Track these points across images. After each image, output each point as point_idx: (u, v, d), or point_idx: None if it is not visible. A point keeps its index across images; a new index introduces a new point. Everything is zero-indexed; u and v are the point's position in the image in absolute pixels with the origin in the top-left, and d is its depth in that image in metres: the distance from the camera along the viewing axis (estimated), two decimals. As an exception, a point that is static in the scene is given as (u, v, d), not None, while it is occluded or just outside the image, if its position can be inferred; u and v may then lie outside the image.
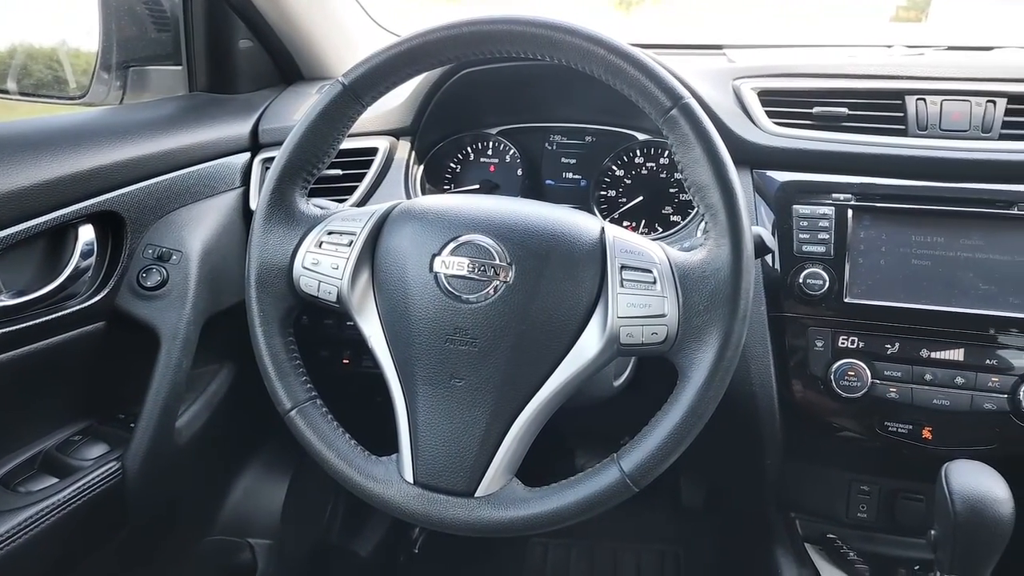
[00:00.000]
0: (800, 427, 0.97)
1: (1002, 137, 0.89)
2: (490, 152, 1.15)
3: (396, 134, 1.09)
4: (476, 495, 0.69)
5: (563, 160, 1.13)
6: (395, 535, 1.49)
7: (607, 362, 0.69)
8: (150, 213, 0.95)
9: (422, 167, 1.12)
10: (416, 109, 1.08)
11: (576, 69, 0.68)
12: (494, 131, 1.15)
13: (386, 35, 1.34)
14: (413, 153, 1.09)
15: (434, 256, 0.69)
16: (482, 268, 0.68)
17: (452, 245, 0.69)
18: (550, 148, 1.14)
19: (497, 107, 1.14)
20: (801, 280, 0.91)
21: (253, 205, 1.06)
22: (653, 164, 1.09)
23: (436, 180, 1.14)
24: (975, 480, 0.74)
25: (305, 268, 0.73)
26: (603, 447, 1.28)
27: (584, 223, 0.71)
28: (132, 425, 0.94)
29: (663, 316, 0.66)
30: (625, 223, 1.09)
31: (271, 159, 0.88)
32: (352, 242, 0.73)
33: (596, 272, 0.68)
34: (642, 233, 1.08)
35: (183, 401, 1.00)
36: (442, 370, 0.69)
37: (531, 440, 0.71)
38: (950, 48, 1.14)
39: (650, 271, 0.67)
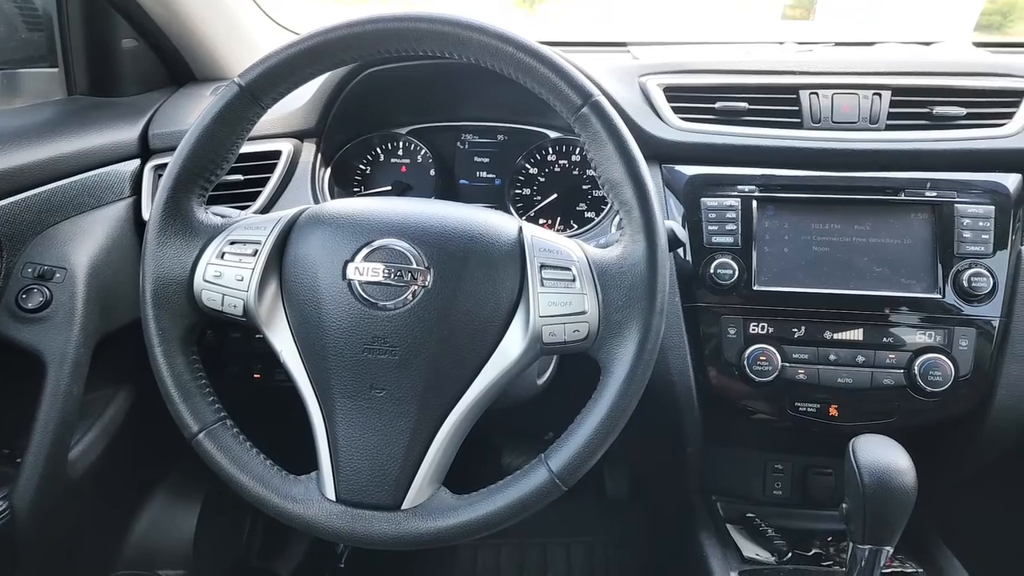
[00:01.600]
0: (717, 413, 1.00)
1: (888, 128, 0.95)
2: (401, 152, 1.12)
3: (300, 136, 1.05)
4: (403, 508, 0.67)
5: (476, 159, 1.12)
6: (319, 552, 1.44)
7: (531, 362, 0.68)
8: (27, 228, 0.87)
9: (329, 170, 1.08)
10: (320, 110, 1.03)
11: (485, 67, 0.67)
12: (404, 131, 1.12)
13: (285, 34, 1.28)
14: (319, 155, 1.05)
15: (347, 263, 0.67)
16: (399, 273, 0.65)
17: (366, 250, 0.67)
18: (462, 147, 1.12)
19: (406, 106, 1.11)
20: (712, 271, 0.93)
21: (146, 215, 0.99)
22: (566, 161, 1.09)
23: (345, 183, 1.11)
24: (879, 453, 0.78)
25: (207, 281, 0.69)
26: (530, 445, 1.28)
27: (502, 223, 0.70)
28: (19, 460, 0.86)
29: (584, 313, 0.66)
30: (541, 221, 1.09)
31: (164, 166, 0.83)
32: (257, 251, 0.69)
33: (516, 272, 0.68)
34: (558, 230, 1.09)
35: (75, 431, 0.92)
36: (361, 381, 0.66)
37: (457, 446, 0.69)
38: (837, 44, 1.20)
39: (569, 269, 0.67)
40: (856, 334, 0.92)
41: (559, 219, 1.09)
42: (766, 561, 0.98)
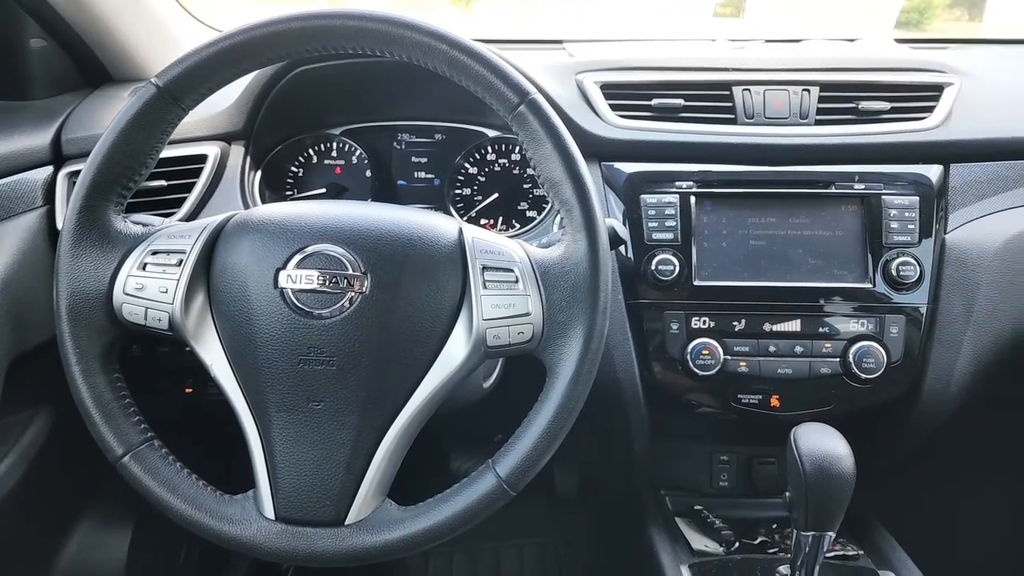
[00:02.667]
0: (663, 407, 1.00)
1: (818, 123, 0.97)
2: (335, 154, 1.09)
3: (227, 138, 1.00)
4: (346, 523, 0.65)
5: (414, 159, 1.10)
6: (261, 573, 1.39)
7: (476, 366, 0.67)
8: (-73, 242, 0.80)
9: (259, 173, 1.04)
10: (248, 110, 0.99)
11: (419, 66, 0.65)
12: (337, 131, 1.09)
13: (209, 32, 1.23)
14: (248, 158, 1.01)
15: (278, 270, 0.64)
16: (334, 280, 0.63)
17: (298, 257, 0.64)
18: (399, 147, 1.10)
19: (339, 106, 1.08)
20: (653, 267, 0.94)
21: (60, 226, 0.93)
22: (505, 160, 1.08)
23: (276, 186, 1.07)
24: (819, 441, 0.80)
25: (128, 294, 0.65)
26: (478, 448, 1.27)
27: (441, 225, 0.68)
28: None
29: (528, 315, 0.65)
30: (483, 221, 1.08)
31: (78, 172, 0.77)
32: (182, 261, 0.65)
33: (457, 275, 0.66)
34: (500, 230, 1.08)
35: (-10, 458, 0.86)
36: (297, 394, 0.63)
37: (402, 456, 0.67)
38: (768, 41, 1.23)
39: (512, 270, 0.66)
40: (794, 325, 0.94)
41: (501, 219, 1.08)
42: (715, 552, 1.00)
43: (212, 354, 0.66)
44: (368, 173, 1.07)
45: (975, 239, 0.94)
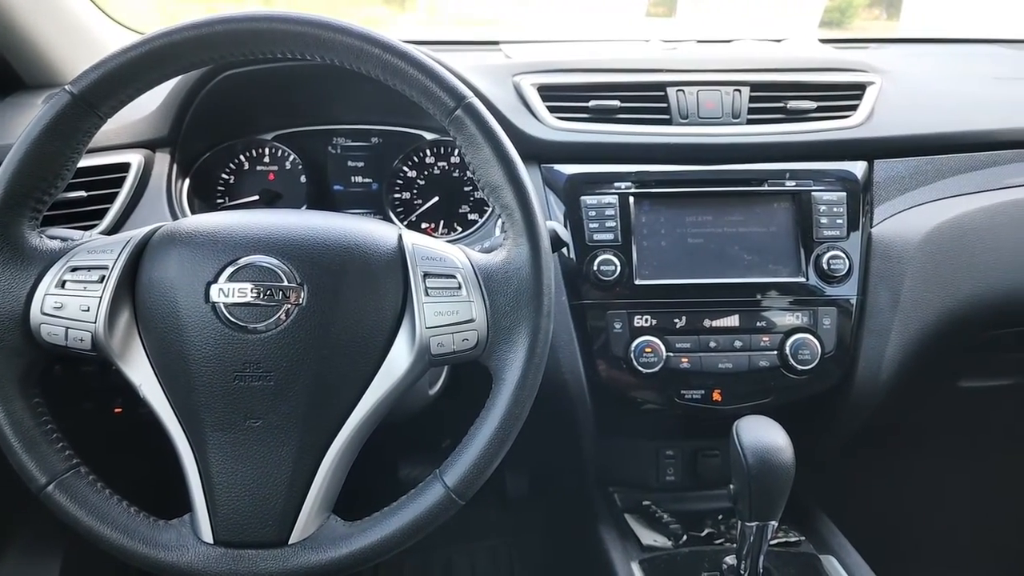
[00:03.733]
0: (609, 406, 1.01)
1: (749, 122, 0.99)
2: (267, 159, 1.05)
3: (151, 146, 0.96)
4: (290, 542, 0.63)
5: (350, 163, 1.07)
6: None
7: (420, 375, 0.66)
8: None
9: (188, 181, 1.00)
10: (173, 116, 0.95)
11: (352, 70, 0.64)
12: (269, 136, 1.05)
13: (129, 35, 1.17)
14: (175, 166, 0.97)
15: (209, 284, 0.61)
16: (268, 292, 0.61)
17: (230, 270, 0.62)
18: (334, 152, 1.07)
19: (270, 110, 1.05)
20: (595, 267, 0.94)
21: None
22: (445, 164, 1.07)
23: (206, 195, 1.02)
24: (760, 433, 0.82)
25: (46, 314, 0.61)
26: (426, 455, 1.25)
27: (380, 232, 0.67)
28: None
29: (472, 321, 0.64)
30: (424, 225, 1.07)
31: None
32: (104, 278, 0.62)
33: (398, 283, 0.65)
34: (441, 234, 1.06)
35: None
36: (234, 412, 0.61)
37: (347, 470, 0.66)
38: (699, 42, 1.25)
39: (454, 276, 0.65)
40: (732, 320, 0.96)
41: (442, 223, 1.06)
42: (663, 546, 1.01)
43: (140, 374, 0.63)
44: (303, 179, 1.04)
45: (899, 232, 0.98)
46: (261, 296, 0.61)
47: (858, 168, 1.00)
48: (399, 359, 0.64)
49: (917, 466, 1.52)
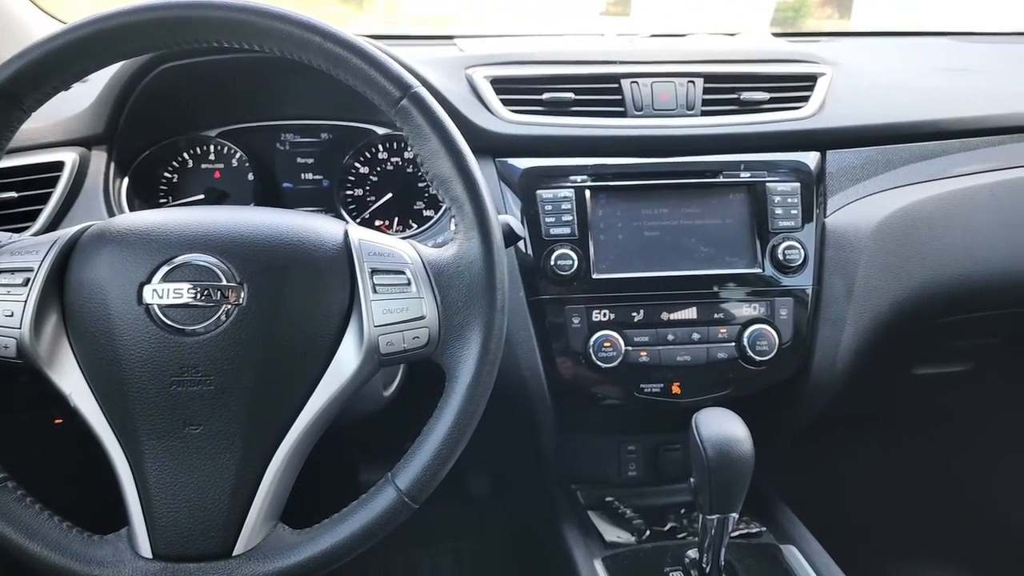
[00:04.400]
0: (569, 402, 1.00)
1: (703, 113, 0.99)
2: (212, 157, 1.02)
3: (87, 143, 0.92)
4: (235, 553, 0.60)
5: (299, 160, 1.04)
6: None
7: (370, 375, 0.63)
8: None
9: (126, 180, 0.95)
10: (109, 112, 0.91)
11: (294, 60, 0.62)
12: (214, 133, 1.01)
13: (54, 24, 1.12)
14: (112, 165, 0.93)
15: (143, 285, 0.58)
16: (206, 292, 0.58)
17: (165, 269, 0.59)
18: (283, 148, 1.04)
19: (214, 105, 1.01)
20: (553, 262, 0.93)
21: None
22: (398, 159, 1.05)
23: (148, 195, 0.98)
24: (719, 426, 0.81)
25: None
26: (387, 458, 1.22)
27: (324, 227, 0.64)
28: None
29: (422, 318, 0.62)
30: (377, 222, 1.04)
31: None
32: (29, 280, 0.59)
33: (344, 280, 0.62)
34: (396, 231, 1.04)
35: None
36: (172, 419, 0.58)
37: (294, 476, 0.63)
38: (654, 36, 1.25)
39: (403, 272, 0.63)
40: (690, 313, 0.96)
41: (396, 219, 1.04)
42: (627, 542, 1.00)
43: (70, 381, 0.60)
44: (250, 176, 1.01)
45: (851, 221, 0.98)
46: (199, 296, 0.58)
47: (811, 159, 1.00)
48: (347, 359, 0.62)
49: (874, 453, 1.55)
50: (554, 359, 0.95)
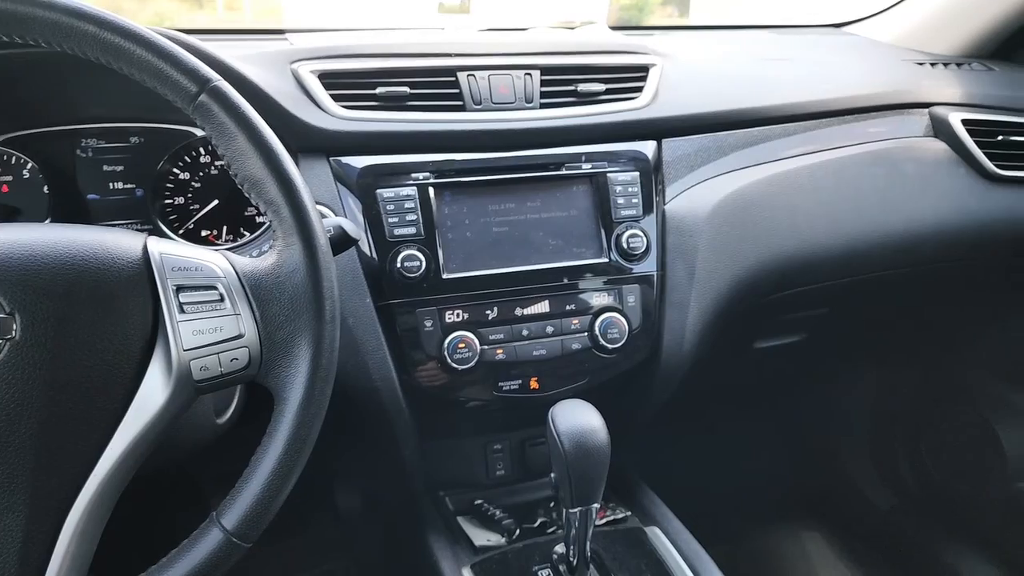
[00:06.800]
0: (428, 408, 0.97)
1: (542, 106, 0.98)
2: (-2, 168, 0.88)
3: None
4: None
5: (106, 168, 0.93)
6: None
7: (186, 406, 0.57)
8: None
9: None
10: None
11: (69, 54, 0.54)
12: (-3, 141, 0.88)
13: None
14: None
15: None
16: None
17: None
18: (85, 155, 0.92)
19: (-4, 109, 0.88)
20: (399, 264, 0.89)
21: None
22: (223, 162, 0.96)
23: (-87, 214, 0.84)
24: (575, 417, 0.81)
25: None
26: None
27: (117, 242, 0.56)
28: None
29: (240, 337, 0.56)
30: (204, 232, 0.95)
31: None
32: None
33: (146, 301, 0.55)
34: (226, 240, 0.95)
35: None
36: None
37: (101, 527, 0.55)
38: (492, 30, 1.24)
39: (214, 287, 0.56)
40: (543, 307, 0.95)
41: (225, 228, 0.96)
42: (496, 545, 0.99)
43: None
44: (46, 189, 0.89)
45: (689, 207, 1.02)
46: None
47: (648, 148, 1.02)
48: (154, 391, 0.54)
49: (725, 426, 1.63)
50: (407, 366, 0.91)
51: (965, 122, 1.19)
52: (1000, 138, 1.21)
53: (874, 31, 1.54)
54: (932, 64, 1.34)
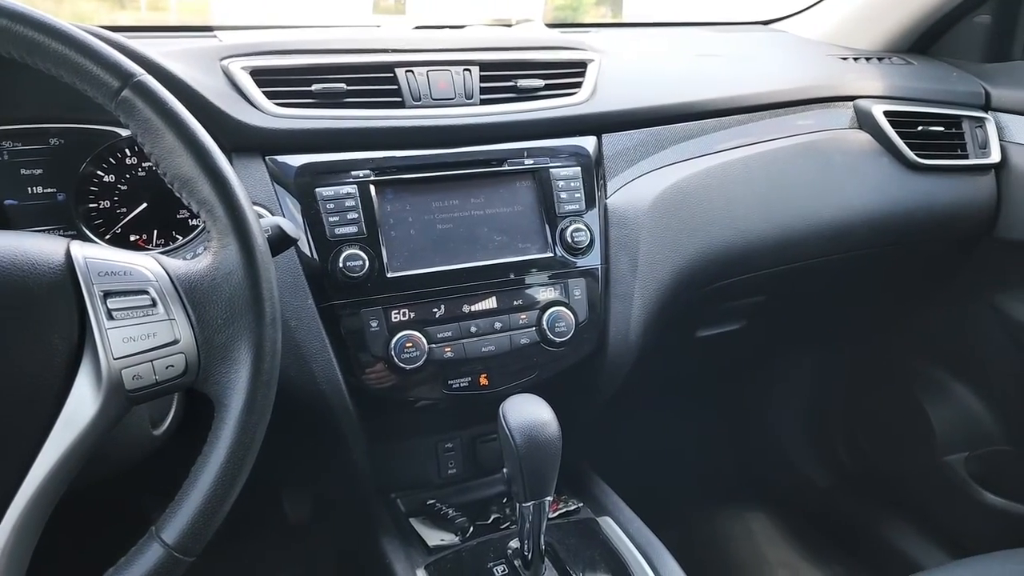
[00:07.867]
0: (376, 409, 0.95)
1: (482, 102, 0.98)
2: (-99, 174, 0.83)
3: None
4: None
5: (24, 171, 0.87)
6: None
7: (118, 418, 0.54)
8: None
9: None
10: None
11: None
12: None
13: None
14: None
15: None
16: None
17: None
18: (1, 158, 0.87)
19: None
20: (341, 264, 0.87)
21: None
22: (151, 163, 0.92)
23: None
24: (526, 412, 0.81)
25: None
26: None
27: (37, 248, 0.53)
28: None
29: (175, 343, 0.54)
30: (133, 237, 0.91)
31: None
32: None
33: (70, 308, 0.52)
34: (157, 245, 0.92)
35: None
36: None
37: (29, 550, 0.52)
38: (430, 27, 1.23)
39: (145, 292, 0.54)
40: (491, 303, 0.95)
41: (156, 232, 0.92)
42: (451, 544, 0.98)
43: None
44: (-43, 194, 0.83)
45: (630, 201, 1.03)
46: None
47: (588, 143, 1.03)
48: (83, 403, 0.52)
49: (673, 414, 1.67)
50: (353, 368, 0.90)
51: (887, 114, 1.25)
52: (920, 128, 1.27)
53: (800, 27, 1.60)
54: (855, 59, 1.40)
